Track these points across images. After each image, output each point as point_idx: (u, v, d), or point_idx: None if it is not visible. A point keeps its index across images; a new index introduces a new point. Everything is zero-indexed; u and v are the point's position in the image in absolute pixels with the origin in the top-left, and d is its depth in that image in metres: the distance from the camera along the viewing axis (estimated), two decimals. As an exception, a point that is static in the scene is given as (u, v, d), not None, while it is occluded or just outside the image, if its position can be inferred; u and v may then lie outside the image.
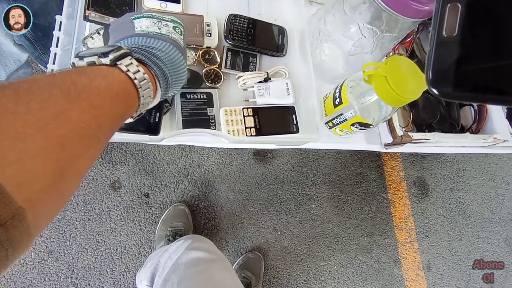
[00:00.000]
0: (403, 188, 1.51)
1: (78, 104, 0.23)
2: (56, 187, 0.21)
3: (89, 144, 0.24)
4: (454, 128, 0.65)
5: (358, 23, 0.48)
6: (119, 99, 0.28)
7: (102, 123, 0.25)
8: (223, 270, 0.68)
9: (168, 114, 0.50)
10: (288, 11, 0.63)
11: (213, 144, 0.52)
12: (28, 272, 1.04)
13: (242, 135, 0.50)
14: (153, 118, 0.48)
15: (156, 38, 0.36)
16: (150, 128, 0.47)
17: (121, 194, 1.17)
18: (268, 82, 0.55)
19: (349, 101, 0.50)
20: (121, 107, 0.29)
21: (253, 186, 1.29)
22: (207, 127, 0.50)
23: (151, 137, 0.44)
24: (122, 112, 0.29)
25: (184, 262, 0.66)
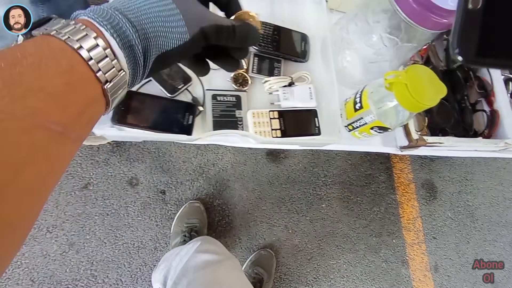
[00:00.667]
0: (412, 190, 1.53)
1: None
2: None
3: (32, 141, 0.18)
4: (467, 133, 0.68)
5: (380, 33, 0.51)
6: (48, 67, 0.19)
7: (35, 106, 0.18)
8: (230, 270, 0.72)
9: (199, 116, 0.54)
10: (309, 18, 0.67)
11: (240, 144, 0.56)
12: (50, 263, 1.08)
13: (268, 136, 0.54)
14: (187, 120, 0.51)
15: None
16: (184, 129, 0.51)
17: (139, 191, 1.21)
18: (292, 86, 0.59)
19: (369, 106, 0.53)
20: (59, 78, 0.19)
21: (265, 185, 1.33)
22: (235, 128, 0.54)
23: (188, 137, 0.47)
24: (68, 84, 0.20)
25: (193, 265, 0.71)
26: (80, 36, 0.21)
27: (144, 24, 0.24)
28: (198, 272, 0.69)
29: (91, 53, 0.21)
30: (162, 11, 0.24)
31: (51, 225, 1.11)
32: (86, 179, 1.18)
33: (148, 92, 0.52)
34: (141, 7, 0.24)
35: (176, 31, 0.25)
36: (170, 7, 0.25)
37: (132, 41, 0.23)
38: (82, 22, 0.22)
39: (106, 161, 1.21)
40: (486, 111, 0.70)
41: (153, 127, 0.49)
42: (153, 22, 0.24)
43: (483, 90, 0.70)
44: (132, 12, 0.23)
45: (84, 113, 0.21)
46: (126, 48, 0.23)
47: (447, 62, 0.72)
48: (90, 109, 0.21)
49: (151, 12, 0.24)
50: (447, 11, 0.43)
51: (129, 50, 0.23)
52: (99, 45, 0.21)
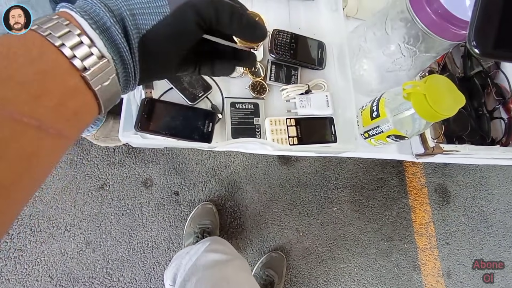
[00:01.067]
0: (424, 194, 1.52)
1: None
2: None
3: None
4: (484, 141, 0.67)
5: (398, 43, 0.51)
6: (11, 54, 0.18)
7: (3, 96, 0.17)
8: (238, 270, 0.73)
9: (218, 123, 0.55)
10: (326, 26, 0.67)
11: (258, 151, 0.57)
12: (68, 261, 1.12)
13: (285, 144, 0.55)
14: (206, 128, 0.53)
15: None
16: (204, 137, 0.52)
17: (153, 192, 1.24)
18: (309, 94, 0.59)
19: (386, 115, 0.54)
20: (29, 67, 0.18)
21: (277, 188, 1.34)
22: (253, 136, 0.55)
23: (208, 145, 0.49)
24: (40, 72, 0.18)
25: (203, 264, 0.72)
26: (51, 24, 0.20)
27: (118, 3, 0.22)
28: (206, 270, 0.70)
29: (64, 39, 0.19)
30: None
31: (69, 224, 1.14)
32: (103, 179, 1.21)
33: (170, 100, 0.53)
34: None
35: (153, 5, 0.22)
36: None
37: (107, 23, 0.21)
38: (59, 14, 0.21)
39: (122, 162, 1.23)
40: (504, 119, 0.69)
41: (175, 134, 0.51)
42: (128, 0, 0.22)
43: (501, 97, 0.69)
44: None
45: (64, 105, 0.19)
46: (103, 31, 0.21)
47: (464, 69, 0.71)
48: (71, 102, 0.19)
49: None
50: (466, 22, 0.44)
51: (106, 33, 0.21)
52: (71, 31, 0.20)
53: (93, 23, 0.20)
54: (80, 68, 0.20)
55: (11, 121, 0.16)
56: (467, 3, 0.45)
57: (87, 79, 0.20)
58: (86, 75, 0.20)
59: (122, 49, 0.21)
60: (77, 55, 0.20)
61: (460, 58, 0.72)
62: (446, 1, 0.44)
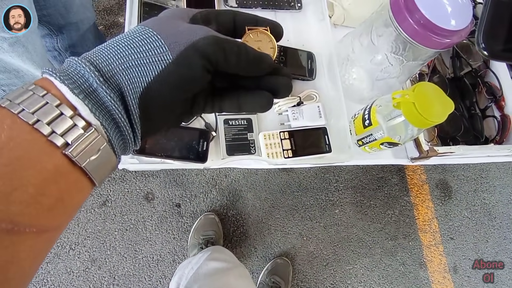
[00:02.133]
0: (426, 190, 1.52)
1: None
2: None
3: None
4: (478, 140, 0.68)
5: (385, 52, 0.52)
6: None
7: None
8: (239, 278, 0.75)
9: (213, 141, 0.56)
10: (314, 35, 0.68)
11: (253, 165, 0.57)
12: (75, 279, 1.12)
13: (280, 157, 0.55)
14: (201, 147, 0.54)
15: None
16: (199, 156, 0.53)
17: (155, 205, 1.24)
18: (301, 106, 0.60)
19: (378, 123, 0.54)
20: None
21: (278, 194, 1.34)
22: (248, 151, 0.56)
23: (204, 165, 0.50)
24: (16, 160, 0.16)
25: (204, 272, 0.73)
26: (24, 98, 0.17)
27: (109, 59, 0.19)
28: (208, 278, 0.72)
29: (40, 115, 0.16)
30: (131, 39, 0.20)
31: (73, 243, 1.15)
32: (104, 196, 1.22)
33: (163, 121, 0.54)
34: (108, 45, 0.20)
35: (151, 53, 0.19)
36: (142, 30, 0.20)
37: (93, 84, 0.18)
38: (37, 83, 0.18)
39: (122, 178, 1.24)
40: (497, 117, 0.70)
41: (170, 156, 0.51)
42: (120, 53, 0.19)
43: (492, 95, 0.70)
44: (95, 53, 0.19)
45: (44, 194, 0.16)
46: (88, 94, 0.18)
47: (454, 69, 0.72)
48: (53, 188, 0.16)
49: (118, 45, 0.19)
50: (449, 31, 0.44)
51: (93, 96, 0.18)
52: (49, 102, 0.17)
53: (75, 87, 0.18)
54: (61, 145, 0.17)
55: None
56: (449, 13, 0.45)
57: (70, 157, 0.17)
58: (68, 152, 0.17)
59: (114, 111, 0.19)
60: (57, 131, 0.17)
61: (449, 59, 0.72)
62: (427, 11, 0.44)
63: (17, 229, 0.15)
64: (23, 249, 0.16)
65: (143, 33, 0.20)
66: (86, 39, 0.95)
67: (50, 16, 0.76)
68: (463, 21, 0.45)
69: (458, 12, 0.45)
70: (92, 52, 0.19)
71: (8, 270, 0.15)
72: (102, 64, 0.19)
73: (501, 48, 0.28)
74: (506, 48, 0.28)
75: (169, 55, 0.20)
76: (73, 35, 0.88)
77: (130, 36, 0.20)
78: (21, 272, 0.16)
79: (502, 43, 0.28)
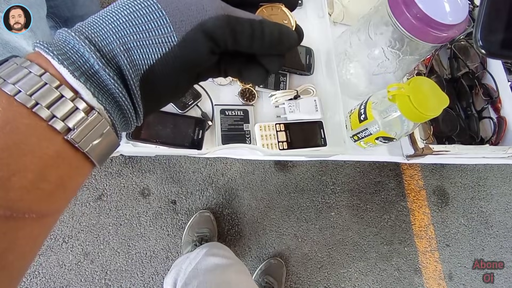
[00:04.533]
0: (423, 196, 1.52)
1: None
2: None
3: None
4: (474, 140, 0.68)
5: (382, 47, 0.52)
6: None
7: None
8: (239, 273, 0.74)
9: (209, 130, 0.56)
10: (314, 32, 0.69)
11: (248, 156, 0.57)
12: (66, 273, 1.11)
13: (275, 149, 0.55)
14: (197, 135, 0.54)
15: None
16: (194, 144, 0.53)
17: (150, 201, 1.24)
18: (297, 99, 0.60)
19: (374, 117, 0.54)
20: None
21: (274, 194, 1.34)
22: (243, 141, 0.56)
23: (198, 152, 0.50)
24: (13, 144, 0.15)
25: (203, 268, 0.72)
26: (19, 76, 0.16)
27: (108, 37, 0.17)
28: (208, 274, 0.71)
29: (38, 97, 0.15)
30: (132, 12, 0.18)
31: (66, 236, 1.14)
32: (100, 190, 1.21)
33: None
34: (106, 17, 0.18)
35: (155, 33, 0.18)
36: (144, 1, 0.18)
37: (95, 65, 0.17)
38: (31, 58, 0.17)
39: (119, 173, 1.24)
40: (493, 118, 0.70)
41: (165, 142, 0.51)
42: (120, 31, 0.18)
43: (489, 97, 0.70)
44: (92, 28, 0.18)
45: (44, 179, 0.15)
46: (90, 76, 0.17)
47: (451, 70, 0.72)
48: (53, 173, 0.16)
49: (117, 19, 0.18)
50: (446, 26, 0.45)
51: (95, 78, 0.17)
52: (48, 84, 0.16)
53: (75, 69, 0.16)
54: (63, 130, 0.16)
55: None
56: (445, 8, 0.46)
57: (73, 142, 0.16)
58: (71, 138, 0.16)
59: (118, 94, 0.18)
60: (57, 115, 0.16)
61: (447, 60, 0.73)
62: (424, 6, 0.45)
63: (16, 216, 0.15)
64: (22, 235, 0.15)
65: (145, 5, 0.18)
66: None
67: (57, 8, 0.77)
68: (459, 15, 0.45)
69: (454, 7, 0.46)
70: (87, 24, 0.18)
71: (7, 256, 0.15)
72: (102, 43, 0.17)
73: (499, 46, 0.28)
74: (504, 46, 0.28)
75: (174, 36, 0.18)
76: None
77: (129, 5, 0.18)
78: (21, 258, 0.16)
79: (500, 41, 0.28)
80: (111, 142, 0.19)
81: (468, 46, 0.71)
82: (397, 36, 0.50)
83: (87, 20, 0.18)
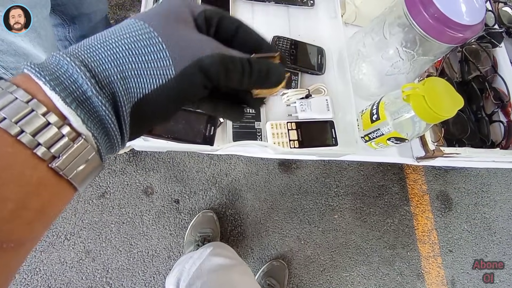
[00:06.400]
0: (426, 201, 1.51)
1: None
2: None
3: None
4: (484, 144, 0.67)
5: (396, 47, 0.52)
6: None
7: None
8: (243, 274, 0.73)
9: (220, 127, 0.56)
10: (325, 32, 0.68)
11: (258, 154, 0.57)
12: (68, 270, 1.10)
13: (286, 147, 0.55)
14: (208, 131, 0.53)
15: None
16: (206, 140, 0.53)
17: (153, 200, 1.23)
18: (309, 98, 0.60)
19: (386, 118, 0.54)
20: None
21: (277, 196, 1.33)
22: (254, 139, 0.56)
23: (211, 148, 0.49)
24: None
25: (207, 268, 0.72)
26: (5, 103, 0.15)
27: (106, 63, 0.17)
28: (212, 274, 0.70)
29: (23, 125, 0.15)
30: (133, 42, 0.18)
31: (69, 233, 1.14)
32: (103, 187, 1.21)
33: (172, 104, 0.54)
34: (104, 42, 0.18)
35: (154, 65, 0.18)
36: (145, 33, 0.18)
37: (87, 91, 0.17)
38: (17, 80, 0.16)
39: (123, 170, 1.24)
40: (503, 122, 0.70)
41: (177, 138, 0.51)
42: (119, 59, 0.18)
43: (500, 101, 0.70)
44: (89, 52, 0.17)
45: (25, 208, 0.15)
46: (81, 102, 0.17)
47: (462, 73, 0.72)
48: (35, 201, 0.15)
49: (117, 46, 0.18)
50: (463, 26, 0.45)
51: (86, 104, 0.17)
52: (35, 110, 0.15)
53: (67, 95, 0.16)
54: (47, 157, 0.16)
55: None
56: (462, 8, 0.46)
57: (57, 170, 0.16)
58: (55, 166, 0.16)
59: (107, 121, 0.18)
60: (42, 142, 0.15)
61: (458, 63, 0.73)
62: (442, 6, 0.45)
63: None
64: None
65: (145, 35, 0.18)
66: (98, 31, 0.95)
67: (65, 6, 0.77)
68: (476, 16, 0.45)
69: (471, 7, 0.45)
70: (84, 48, 0.18)
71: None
72: (98, 68, 0.17)
73: None
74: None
75: (172, 70, 0.18)
76: (85, 26, 0.88)
77: (130, 34, 0.18)
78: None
79: None
80: (95, 167, 0.18)
81: (480, 50, 0.71)
82: (412, 36, 0.50)
83: (84, 42, 0.18)
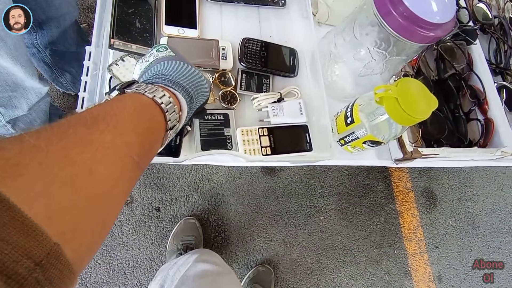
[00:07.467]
0: (411, 198, 1.51)
1: (97, 127, 0.22)
2: (91, 216, 0.19)
3: (122, 165, 0.23)
4: (462, 143, 0.66)
5: (368, 47, 0.50)
6: (139, 115, 0.27)
7: (128, 141, 0.24)
8: (231, 283, 0.70)
9: (187, 136, 0.52)
10: (298, 33, 0.66)
11: (230, 163, 0.54)
12: (42, 287, 1.05)
13: (258, 154, 0.52)
14: (174, 141, 0.50)
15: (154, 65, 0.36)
16: (171, 151, 0.49)
17: (133, 209, 1.19)
18: (281, 102, 0.57)
19: (361, 120, 0.52)
20: (145, 124, 0.28)
21: (261, 199, 1.30)
22: (224, 147, 0.53)
23: (174, 159, 0.46)
24: (149, 129, 0.28)
25: (193, 274, 0.68)
26: (161, 95, 0.31)
27: (190, 88, 0.37)
28: (198, 280, 0.67)
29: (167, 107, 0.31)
30: (198, 81, 0.38)
31: (42, 248, 1.08)
32: (79, 198, 1.15)
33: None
34: (188, 76, 0.37)
35: (205, 93, 0.40)
36: (200, 76, 0.38)
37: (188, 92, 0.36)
38: (159, 86, 0.33)
39: (99, 180, 1.18)
40: (480, 120, 0.69)
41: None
42: (194, 87, 0.37)
43: (476, 99, 0.69)
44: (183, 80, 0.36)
45: (152, 150, 0.29)
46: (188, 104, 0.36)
47: (438, 72, 0.71)
48: (155, 148, 0.30)
49: (193, 81, 0.37)
50: (434, 25, 0.43)
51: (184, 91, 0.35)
52: (171, 102, 0.32)
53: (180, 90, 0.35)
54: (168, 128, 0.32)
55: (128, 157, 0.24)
56: (433, 6, 0.44)
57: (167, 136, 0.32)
58: (169, 133, 0.32)
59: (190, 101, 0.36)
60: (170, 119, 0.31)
61: (434, 61, 0.71)
62: (411, 4, 0.43)
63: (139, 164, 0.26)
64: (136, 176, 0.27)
65: (201, 79, 0.39)
66: (68, 36, 0.91)
67: (31, 10, 0.72)
68: (446, 14, 0.43)
69: (441, 6, 0.44)
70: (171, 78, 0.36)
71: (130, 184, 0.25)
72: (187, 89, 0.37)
73: None
74: None
75: (208, 95, 0.41)
76: (54, 31, 0.83)
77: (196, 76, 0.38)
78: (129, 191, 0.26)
79: None
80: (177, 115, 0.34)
81: (454, 47, 0.70)
82: (383, 36, 0.48)
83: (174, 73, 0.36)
